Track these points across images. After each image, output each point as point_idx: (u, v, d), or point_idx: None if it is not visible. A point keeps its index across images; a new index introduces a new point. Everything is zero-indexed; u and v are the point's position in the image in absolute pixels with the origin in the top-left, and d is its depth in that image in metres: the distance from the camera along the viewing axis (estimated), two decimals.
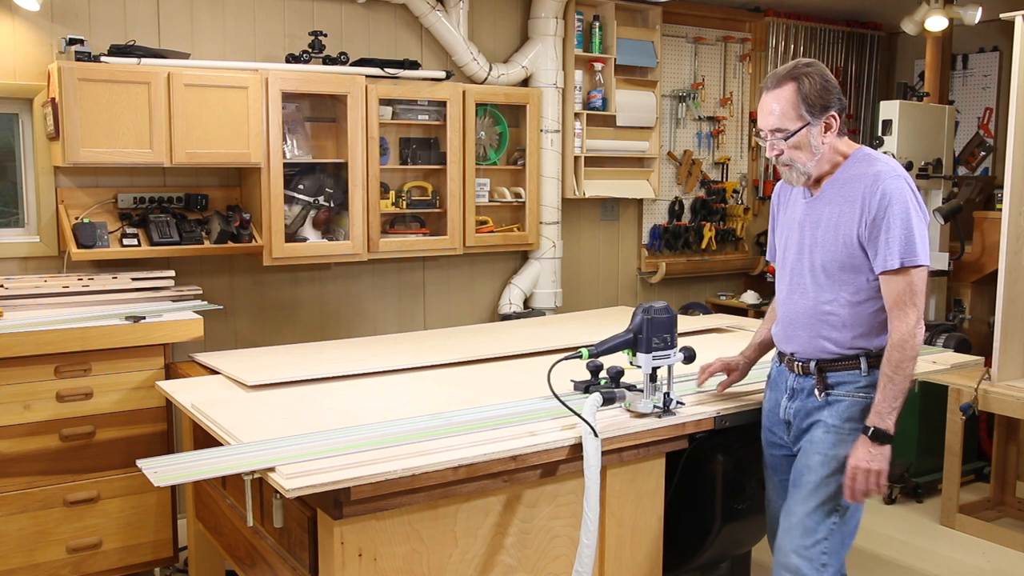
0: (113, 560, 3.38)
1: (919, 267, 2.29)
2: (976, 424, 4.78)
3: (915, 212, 2.30)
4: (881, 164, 2.37)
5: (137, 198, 3.84)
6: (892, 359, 2.31)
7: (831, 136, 2.39)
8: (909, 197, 2.30)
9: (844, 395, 2.42)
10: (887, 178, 2.32)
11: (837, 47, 6.20)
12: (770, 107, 2.38)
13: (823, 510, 2.39)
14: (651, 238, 5.56)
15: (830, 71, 2.43)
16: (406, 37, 4.58)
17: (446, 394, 2.79)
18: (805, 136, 2.37)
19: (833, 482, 2.38)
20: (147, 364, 3.38)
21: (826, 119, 2.36)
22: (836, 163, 2.43)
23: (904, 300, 2.30)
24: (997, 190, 4.97)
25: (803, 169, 2.41)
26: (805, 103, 2.34)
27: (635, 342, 2.48)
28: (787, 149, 2.39)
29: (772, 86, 2.39)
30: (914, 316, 2.30)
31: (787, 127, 2.37)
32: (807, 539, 2.39)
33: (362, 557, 2.14)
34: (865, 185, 2.34)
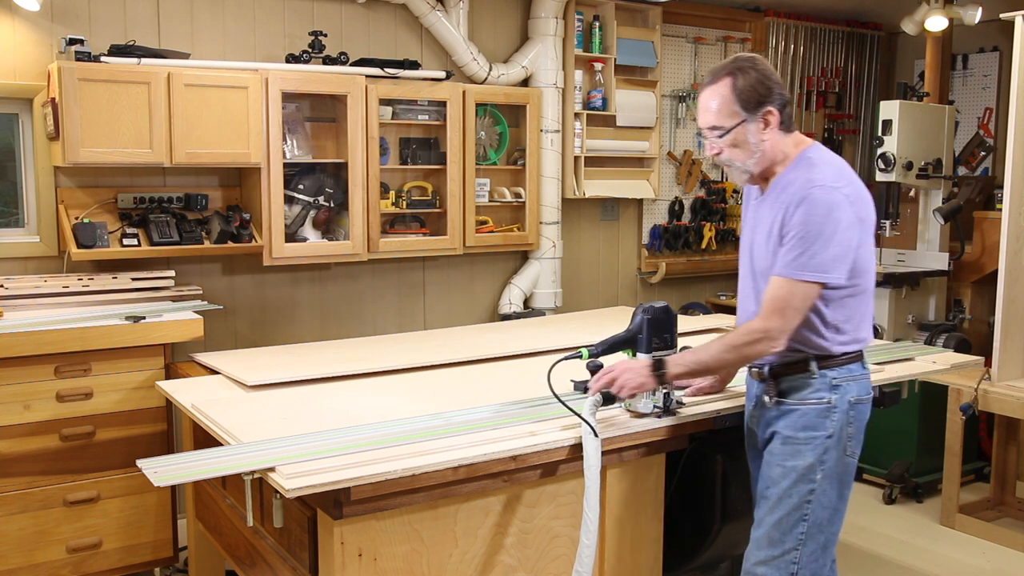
0: (113, 560, 3.38)
1: (806, 283, 2.22)
2: (976, 424, 4.78)
3: (825, 227, 2.20)
4: (816, 171, 2.28)
5: (137, 198, 3.83)
6: (729, 339, 2.28)
7: (771, 133, 2.31)
8: (824, 210, 2.20)
9: (796, 403, 2.36)
10: (813, 187, 2.23)
11: (837, 47, 6.20)
12: (707, 104, 2.34)
13: (789, 521, 2.35)
14: (651, 238, 5.56)
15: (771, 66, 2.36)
16: (406, 37, 4.58)
17: (446, 394, 2.79)
18: (742, 133, 2.31)
19: (796, 493, 2.34)
20: (147, 364, 3.38)
21: (763, 115, 2.30)
22: (783, 162, 2.35)
23: (774, 306, 2.24)
24: (997, 190, 4.97)
25: (743, 167, 2.36)
26: (740, 99, 2.28)
27: (635, 342, 2.48)
28: (725, 148, 2.34)
29: (708, 82, 2.35)
30: (774, 325, 2.23)
31: (723, 124, 2.32)
32: (774, 550, 2.36)
33: (362, 557, 2.14)
34: (794, 193, 2.26)
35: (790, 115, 2.36)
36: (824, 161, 2.32)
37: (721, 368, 2.35)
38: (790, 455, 2.36)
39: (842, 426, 2.35)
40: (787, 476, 2.36)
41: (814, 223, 2.21)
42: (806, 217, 2.22)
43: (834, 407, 2.34)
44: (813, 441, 2.33)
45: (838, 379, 2.35)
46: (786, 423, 2.37)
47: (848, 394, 2.35)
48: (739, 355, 2.31)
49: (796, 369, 2.37)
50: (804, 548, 2.35)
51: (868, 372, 2.44)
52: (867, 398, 2.41)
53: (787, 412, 2.38)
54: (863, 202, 2.32)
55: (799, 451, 2.35)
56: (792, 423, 2.36)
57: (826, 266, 2.22)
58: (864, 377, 2.41)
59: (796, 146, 2.37)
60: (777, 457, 2.38)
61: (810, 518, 2.35)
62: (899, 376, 3.08)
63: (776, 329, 2.24)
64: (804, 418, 2.35)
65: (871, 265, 2.37)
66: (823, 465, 2.34)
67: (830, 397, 2.34)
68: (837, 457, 2.35)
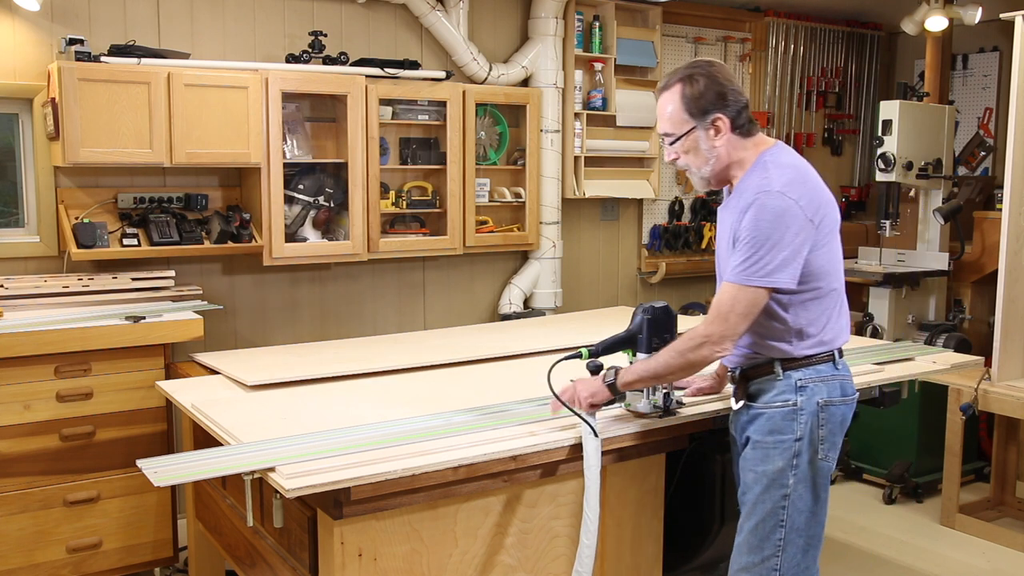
0: (113, 560, 3.39)
1: (754, 288, 2.20)
2: (976, 424, 4.78)
3: (772, 233, 2.18)
4: (766, 176, 2.25)
5: (137, 198, 3.83)
6: (674, 345, 2.28)
7: (723, 139, 2.30)
8: (777, 216, 2.18)
9: (763, 407, 2.34)
10: (760, 192, 2.22)
11: (837, 47, 6.20)
12: (661, 110, 2.36)
13: (765, 526, 2.33)
14: (651, 238, 5.56)
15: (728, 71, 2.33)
16: (406, 37, 4.58)
17: (446, 394, 2.79)
18: (694, 140, 2.31)
19: (769, 499, 2.32)
20: (147, 364, 3.38)
21: (713, 122, 2.29)
22: (741, 167, 2.34)
23: (719, 310, 2.22)
24: (997, 190, 4.97)
25: (699, 174, 2.37)
26: (688, 106, 2.29)
27: (635, 342, 2.48)
28: (680, 154, 2.35)
29: (661, 88, 2.36)
30: (717, 330, 2.21)
31: (674, 131, 2.33)
32: (754, 556, 2.34)
33: (362, 557, 2.14)
34: (747, 197, 2.25)
35: (748, 118, 2.33)
36: (777, 164, 2.28)
37: (670, 374, 2.33)
38: (760, 460, 2.33)
39: (812, 428, 2.31)
40: (759, 481, 2.33)
41: (761, 229, 2.20)
42: (753, 223, 2.21)
43: (800, 409, 2.30)
44: (781, 445, 2.30)
45: (804, 380, 2.31)
46: (755, 427, 2.35)
47: (816, 395, 2.31)
48: (685, 360, 2.28)
49: (762, 371, 2.35)
50: (784, 554, 2.32)
51: (843, 373, 2.38)
52: (840, 400, 2.35)
53: (756, 416, 2.36)
54: (818, 205, 2.26)
55: (768, 455, 2.32)
56: (760, 427, 2.34)
57: (771, 272, 2.19)
58: (836, 378, 2.35)
59: (755, 149, 2.34)
60: (749, 462, 2.36)
61: (787, 523, 2.32)
62: (899, 376, 3.08)
63: (718, 334, 2.22)
64: (770, 422, 2.32)
65: (833, 267, 2.33)
66: (795, 469, 2.30)
67: (796, 399, 2.31)
68: (809, 460, 2.31)
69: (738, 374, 2.41)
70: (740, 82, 2.36)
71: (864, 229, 5.99)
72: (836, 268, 2.34)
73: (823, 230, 2.27)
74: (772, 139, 2.39)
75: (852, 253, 5.60)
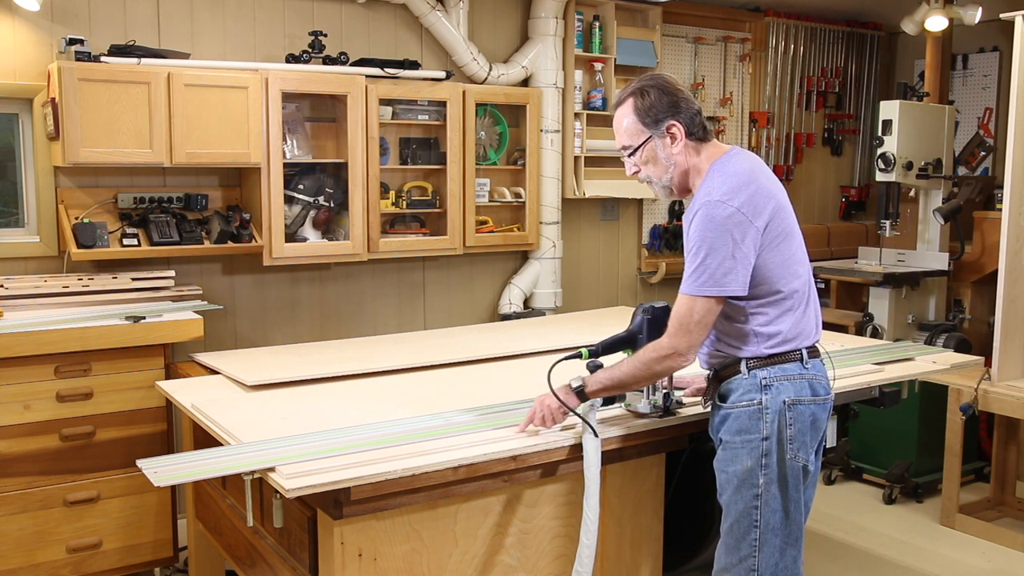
0: (113, 560, 3.39)
1: (705, 298, 2.22)
2: (976, 424, 4.78)
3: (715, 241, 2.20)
4: (709, 184, 2.28)
5: (137, 198, 3.83)
6: (639, 356, 2.31)
7: (679, 146, 2.33)
8: (712, 225, 2.20)
9: (729, 407, 2.34)
10: (703, 202, 2.24)
11: (837, 47, 6.20)
12: (617, 126, 2.40)
13: (739, 527, 2.33)
14: (651, 238, 5.56)
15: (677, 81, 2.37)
16: (406, 37, 4.58)
17: (446, 394, 2.79)
18: (652, 150, 2.35)
19: (740, 499, 2.32)
20: (147, 364, 3.38)
21: (667, 130, 2.32)
22: (699, 175, 2.36)
23: (679, 323, 2.25)
24: (997, 190, 4.97)
25: (660, 183, 2.39)
26: (641, 118, 2.33)
27: (635, 342, 2.48)
28: (641, 166, 2.38)
29: (615, 104, 2.41)
30: (680, 342, 2.24)
31: (631, 143, 2.37)
32: (732, 557, 2.35)
33: (362, 557, 2.14)
34: (696, 204, 2.28)
35: (702, 125, 2.35)
36: (723, 172, 2.29)
37: (635, 384, 2.36)
38: (729, 460, 2.34)
39: (779, 428, 2.29)
40: (730, 482, 2.34)
41: (705, 238, 2.22)
42: (698, 234, 2.23)
43: (766, 408, 2.29)
44: (748, 444, 2.30)
45: (768, 379, 2.30)
46: (725, 428, 2.36)
47: (782, 394, 2.29)
48: (649, 371, 2.31)
49: (732, 371, 2.36)
50: (760, 554, 2.32)
51: (812, 372, 2.35)
52: (809, 399, 2.32)
53: (725, 417, 2.36)
54: (764, 209, 2.25)
55: (736, 455, 2.32)
56: (728, 427, 2.34)
57: (719, 280, 2.21)
58: (803, 377, 2.32)
59: (709, 158, 2.35)
60: (720, 463, 2.37)
61: (760, 523, 2.31)
62: (899, 376, 3.08)
63: (683, 346, 2.25)
64: (737, 421, 2.32)
65: (789, 268, 2.30)
66: (765, 469, 2.29)
67: (760, 398, 2.30)
68: (778, 459, 2.29)
69: (711, 375, 2.43)
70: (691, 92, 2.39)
71: (864, 229, 5.99)
72: (793, 269, 2.32)
73: (771, 233, 2.26)
74: (727, 146, 2.40)
75: (852, 253, 5.61)
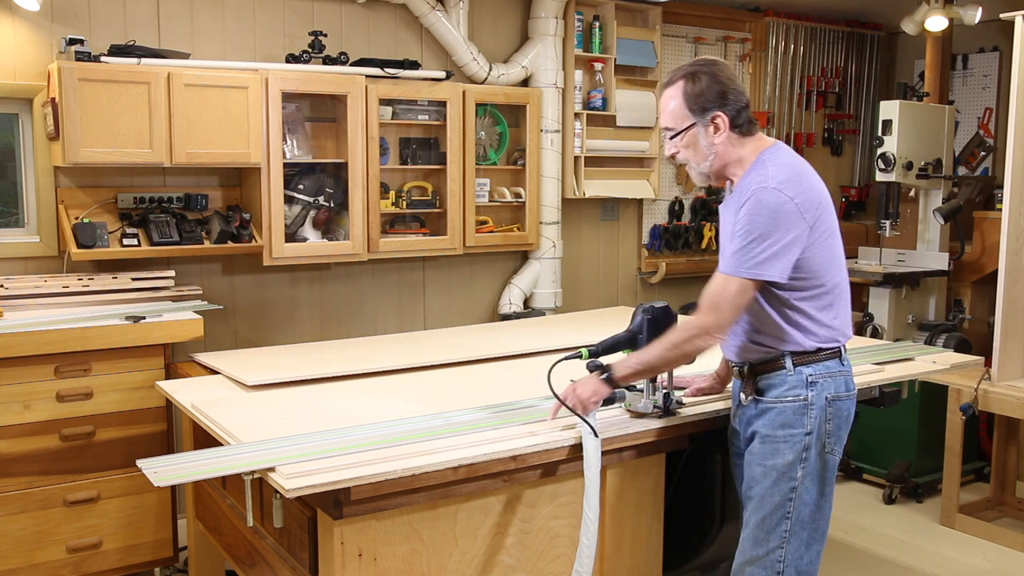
0: (113, 560, 3.39)
1: (740, 279, 2.24)
2: (976, 424, 4.78)
3: (764, 226, 2.22)
4: (765, 173, 2.29)
5: (137, 198, 3.83)
6: (668, 336, 2.32)
7: (722, 137, 2.34)
8: (771, 211, 2.22)
9: (773, 402, 2.36)
10: (757, 188, 2.26)
11: (837, 47, 6.20)
12: (663, 105, 2.40)
13: (772, 519, 2.36)
14: (651, 238, 5.56)
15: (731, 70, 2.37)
16: (406, 37, 4.58)
17: (446, 394, 2.79)
18: (694, 136, 2.36)
19: (777, 492, 2.35)
20: (147, 364, 3.38)
21: (712, 120, 2.33)
22: (740, 165, 2.37)
23: (712, 300, 2.27)
24: (997, 190, 4.97)
25: (697, 169, 2.41)
26: (688, 103, 2.33)
27: (635, 342, 2.48)
28: (680, 148, 2.39)
29: (665, 83, 2.42)
30: (710, 321, 2.26)
31: (674, 126, 2.38)
32: (759, 549, 2.37)
33: (362, 557, 2.14)
34: (746, 193, 2.29)
35: (748, 118, 2.36)
36: (776, 163, 2.31)
37: (665, 366, 2.37)
38: (770, 454, 2.36)
39: (820, 423, 2.34)
40: (768, 475, 2.36)
41: (754, 222, 2.23)
42: (748, 217, 2.25)
43: (811, 404, 2.34)
44: (792, 439, 2.33)
45: (814, 376, 2.34)
46: (764, 421, 2.38)
47: (825, 391, 2.35)
48: (680, 352, 2.32)
49: (773, 367, 2.37)
50: (788, 546, 2.36)
51: (848, 369, 2.43)
52: (846, 395, 2.39)
53: (765, 410, 2.38)
54: (814, 204, 2.29)
55: (778, 449, 2.35)
56: (770, 421, 2.37)
57: (760, 264, 2.23)
58: (842, 374, 2.39)
59: (755, 148, 2.37)
60: (757, 456, 2.39)
61: (793, 516, 2.35)
62: (899, 376, 3.08)
63: (712, 324, 2.27)
64: (781, 416, 2.35)
65: (833, 266, 2.35)
66: (804, 463, 2.34)
67: (807, 394, 2.34)
68: (818, 454, 2.35)
69: (746, 369, 2.42)
70: (742, 82, 2.38)
71: (864, 229, 5.99)
72: (838, 265, 2.38)
73: (818, 229, 2.30)
74: (772, 139, 2.42)
75: (852, 253, 5.60)
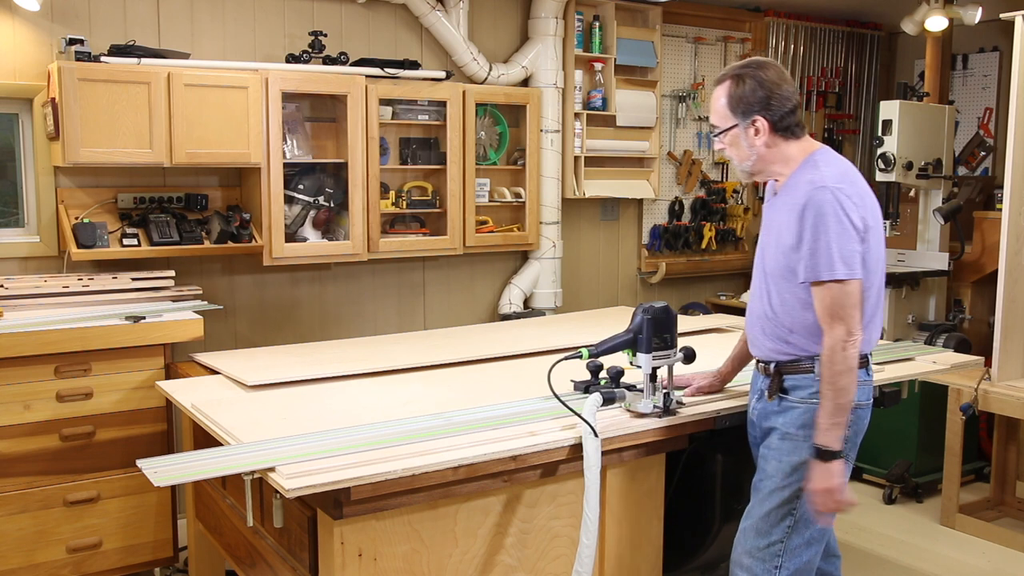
0: (113, 560, 3.38)
1: (839, 281, 2.25)
2: (976, 424, 4.78)
3: (835, 225, 2.24)
4: (816, 172, 2.32)
5: (137, 198, 3.83)
6: (824, 375, 2.29)
7: (762, 140, 2.37)
8: (830, 210, 2.24)
9: (798, 402, 2.39)
10: (813, 188, 2.28)
11: (837, 47, 6.20)
12: (714, 101, 2.44)
13: (777, 514, 2.39)
14: (651, 238, 5.56)
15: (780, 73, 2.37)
16: (406, 37, 4.58)
17: (446, 394, 2.79)
18: (735, 136, 2.40)
19: (787, 488, 2.38)
20: (147, 364, 3.38)
21: (752, 123, 2.36)
22: (786, 165, 2.40)
23: (831, 313, 2.27)
24: (997, 190, 4.97)
25: (740, 167, 2.46)
26: (731, 105, 2.38)
27: (635, 342, 2.48)
28: (726, 146, 2.44)
29: (716, 81, 2.45)
30: (841, 330, 2.25)
31: (718, 124, 2.44)
32: (761, 540, 2.41)
33: (362, 557, 2.14)
34: (798, 197, 2.31)
35: (795, 122, 2.39)
36: (828, 163, 2.36)
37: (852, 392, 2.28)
38: (787, 451, 2.38)
39: None
40: (781, 471, 2.39)
41: (825, 223, 2.25)
42: (817, 219, 2.25)
43: None
44: (811, 439, 2.34)
45: None
46: (786, 419, 2.40)
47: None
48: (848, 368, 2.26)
49: (801, 368, 2.39)
50: (789, 541, 2.39)
51: (871, 379, 2.46)
52: (865, 403, 2.42)
53: (788, 408, 2.40)
54: (867, 205, 2.34)
55: (797, 447, 2.37)
56: (792, 420, 2.39)
57: (847, 261, 2.25)
58: (866, 383, 2.42)
59: (803, 151, 2.40)
60: (774, 452, 2.41)
61: (797, 512, 2.38)
62: (899, 376, 3.08)
63: (841, 332, 2.25)
64: (805, 416, 2.37)
65: (878, 268, 2.39)
66: None
67: None
68: None
69: (773, 368, 2.43)
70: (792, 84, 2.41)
71: None
72: (881, 269, 2.41)
73: (869, 229, 2.33)
74: (819, 143, 2.46)
75: None
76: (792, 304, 2.36)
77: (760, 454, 2.47)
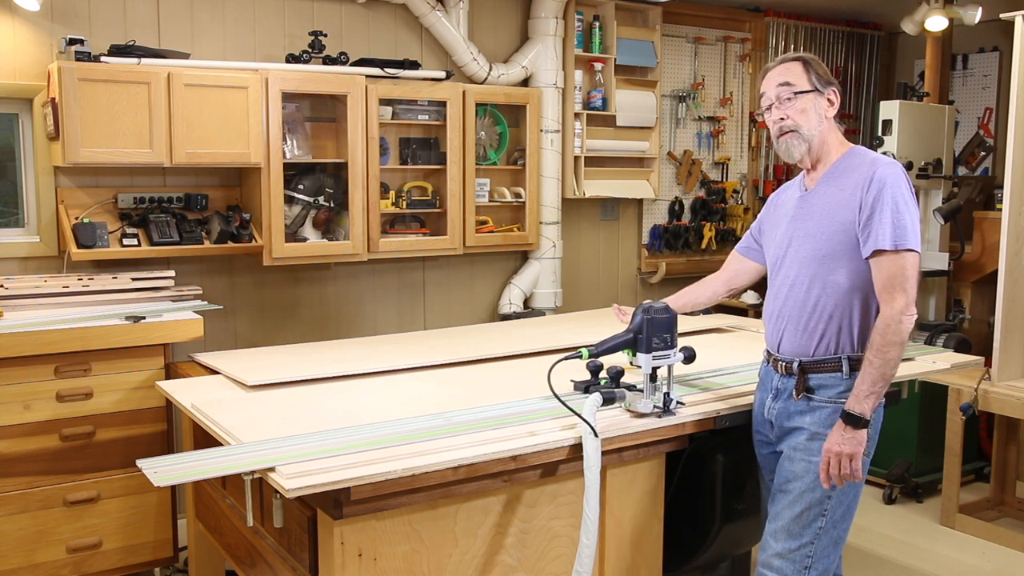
0: (113, 560, 3.39)
1: (910, 251, 2.28)
2: (976, 424, 4.78)
3: (908, 200, 2.31)
4: (873, 155, 2.42)
5: (137, 198, 3.84)
6: (875, 343, 2.29)
7: (831, 114, 2.44)
8: (903, 185, 2.32)
9: (825, 401, 2.40)
10: (882, 165, 2.35)
11: (837, 47, 6.20)
12: (779, 74, 2.45)
13: (809, 515, 2.40)
14: (651, 238, 5.56)
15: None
16: (406, 37, 4.58)
17: (446, 394, 2.79)
18: (812, 101, 2.42)
19: (819, 489, 2.38)
20: (147, 364, 3.38)
21: (829, 94, 2.43)
22: (832, 151, 2.45)
23: (893, 283, 2.29)
24: (997, 190, 4.97)
25: (806, 135, 2.42)
26: (810, 74, 2.42)
27: (635, 342, 2.48)
28: (794, 112, 2.42)
29: (777, 64, 2.48)
30: (902, 301, 2.28)
31: (797, 83, 2.42)
32: (792, 543, 2.41)
33: (362, 557, 2.14)
34: (861, 173, 2.36)
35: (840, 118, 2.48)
36: (872, 152, 2.44)
37: (896, 365, 2.31)
38: (817, 451, 2.39)
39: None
40: (811, 471, 2.39)
41: (902, 194, 2.30)
42: (893, 190, 2.30)
43: None
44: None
45: None
46: (814, 419, 2.41)
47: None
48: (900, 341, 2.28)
49: (827, 368, 2.40)
50: (819, 542, 2.40)
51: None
52: (882, 404, 2.43)
53: (816, 408, 2.41)
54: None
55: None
56: (821, 419, 2.40)
57: (917, 234, 2.30)
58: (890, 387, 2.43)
59: (842, 143, 2.48)
60: (802, 452, 2.42)
61: (828, 513, 2.40)
62: (899, 376, 3.07)
63: (902, 303, 2.27)
64: (833, 416, 2.37)
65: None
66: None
67: None
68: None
69: (796, 367, 2.43)
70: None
71: None
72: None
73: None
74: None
75: None
76: (838, 286, 2.37)
77: (785, 454, 2.46)
